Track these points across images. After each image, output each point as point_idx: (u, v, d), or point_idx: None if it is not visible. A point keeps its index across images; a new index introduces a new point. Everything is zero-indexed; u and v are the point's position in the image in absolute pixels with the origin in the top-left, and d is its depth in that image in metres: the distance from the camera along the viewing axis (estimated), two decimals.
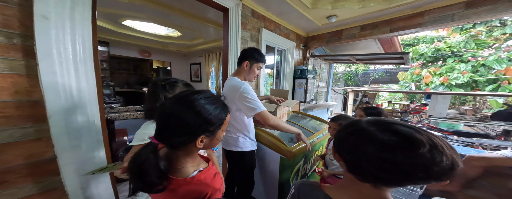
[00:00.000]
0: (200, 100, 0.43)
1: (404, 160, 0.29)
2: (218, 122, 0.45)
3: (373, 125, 0.34)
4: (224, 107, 0.47)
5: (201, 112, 0.42)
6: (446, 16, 1.40)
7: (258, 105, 0.95)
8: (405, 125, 0.33)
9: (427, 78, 5.00)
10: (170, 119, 0.41)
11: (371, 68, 7.43)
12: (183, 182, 0.43)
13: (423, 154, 0.28)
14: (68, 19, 0.72)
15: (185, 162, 0.46)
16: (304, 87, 2.24)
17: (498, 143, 2.76)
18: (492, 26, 4.80)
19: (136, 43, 3.47)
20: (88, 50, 0.78)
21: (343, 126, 0.40)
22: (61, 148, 0.74)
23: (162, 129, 0.43)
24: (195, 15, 2.01)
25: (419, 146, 0.28)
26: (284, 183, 1.25)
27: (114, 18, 2.32)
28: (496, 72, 4.25)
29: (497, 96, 4.05)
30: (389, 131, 0.32)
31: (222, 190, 0.49)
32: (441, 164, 0.28)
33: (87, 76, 0.79)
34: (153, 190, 0.41)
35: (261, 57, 1.06)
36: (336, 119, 1.02)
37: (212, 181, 0.46)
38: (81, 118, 0.79)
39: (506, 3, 1.16)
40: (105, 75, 3.57)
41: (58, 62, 0.71)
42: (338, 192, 0.40)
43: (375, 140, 0.32)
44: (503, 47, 4.46)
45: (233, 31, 1.47)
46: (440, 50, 5.10)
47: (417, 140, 0.29)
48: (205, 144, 0.45)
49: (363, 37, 1.88)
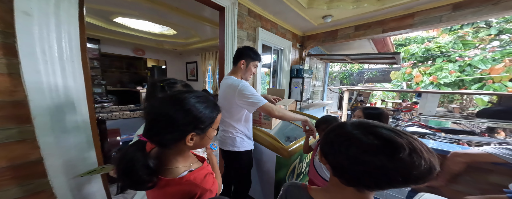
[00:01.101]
0: (191, 98, 0.43)
1: (385, 163, 0.29)
2: (208, 120, 0.45)
3: (357, 128, 0.34)
4: (215, 106, 0.47)
5: (191, 109, 0.42)
6: (435, 18, 1.45)
7: (259, 99, 0.95)
8: (387, 128, 0.32)
9: (417, 77, 5.17)
10: (159, 116, 0.41)
11: (365, 67, 7.59)
12: (172, 182, 0.43)
13: (403, 158, 0.28)
14: (53, 16, 0.68)
15: (175, 162, 0.46)
16: (300, 86, 2.26)
17: (482, 139, 2.92)
18: (478, 27, 5.01)
19: (129, 41, 3.36)
20: (75, 48, 0.75)
21: (329, 129, 0.40)
22: (48, 150, 0.71)
23: (151, 127, 0.42)
24: (191, 14, 1.97)
25: (399, 150, 0.28)
26: (280, 182, 1.27)
27: (105, 15, 2.24)
28: (481, 72, 4.45)
29: (482, 94, 4.24)
30: (372, 134, 0.32)
31: (215, 191, 0.48)
32: (420, 168, 0.28)
33: (74, 75, 0.76)
34: (143, 187, 0.41)
35: (256, 55, 1.06)
36: (318, 124, 0.99)
37: (202, 181, 0.45)
38: (69, 119, 0.76)
39: (489, 6, 1.21)
40: (96, 74, 3.45)
41: (42, 61, 0.67)
42: (322, 195, 0.40)
43: (358, 143, 0.32)
44: (488, 48, 4.67)
45: (229, 30, 1.45)
46: (430, 50, 5.28)
47: (397, 144, 0.29)
48: (195, 143, 0.45)
49: (357, 37, 1.91)
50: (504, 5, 1.17)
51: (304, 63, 2.50)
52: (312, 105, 2.81)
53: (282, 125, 1.71)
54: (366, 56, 2.54)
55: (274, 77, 2.35)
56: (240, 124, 1.06)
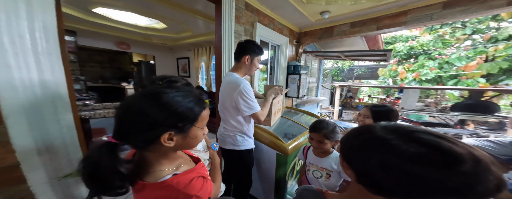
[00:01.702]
0: (169, 93, 0.38)
1: (438, 177, 0.24)
2: (190, 117, 0.39)
3: (392, 133, 0.30)
4: (198, 101, 0.41)
5: (168, 104, 0.37)
6: (426, 16, 1.51)
7: (254, 106, 0.95)
8: (431, 133, 0.28)
9: (402, 74, 5.50)
10: (128, 113, 0.36)
11: (355, 64, 7.87)
12: (151, 186, 0.39)
13: (465, 172, 0.24)
14: (22, 3, 0.58)
15: (158, 164, 0.41)
16: (297, 83, 2.26)
17: (456, 131, 3.24)
18: (455, 27, 5.40)
19: (111, 33, 3.06)
20: (52, 40, 0.65)
21: (353, 133, 0.36)
22: (25, 153, 0.62)
23: (119, 126, 0.37)
24: (183, 6, 1.83)
25: (460, 163, 0.24)
26: (280, 180, 1.27)
27: (82, 5, 2.00)
28: (457, 69, 4.85)
29: (456, 90, 4.64)
30: (415, 141, 0.27)
31: (204, 196, 0.42)
32: (487, 184, 0.24)
33: (53, 69, 0.66)
34: (112, 193, 0.36)
35: (260, 50, 1.03)
36: (319, 129, 0.85)
37: (185, 186, 0.39)
38: (49, 118, 0.67)
39: (477, 5, 1.29)
40: (74, 68, 3.14)
41: (12, 53, 0.57)
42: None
43: (398, 151, 0.28)
44: (462, 46, 5.08)
45: (226, 25, 1.38)
46: (413, 48, 5.62)
47: (457, 155, 0.25)
48: (177, 143, 0.39)
49: (353, 34, 1.94)
50: (489, 4, 1.24)
51: (301, 60, 2.50)
52: (308, 101, 2.85)
53: (280, 122, 1.71)
54: (360, 53, 2.61)
55: (271, 73, 2.32)
56: (241, 123, 1.03)
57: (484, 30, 4.80)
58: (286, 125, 1.74)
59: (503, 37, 4.28)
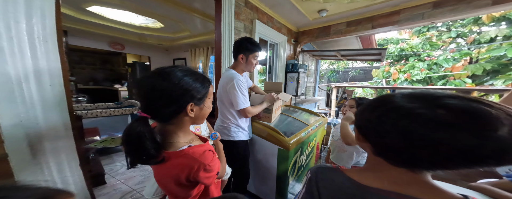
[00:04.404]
0: (182, 72, 0.44)
1: (471, 144, 0.23)
2: (204, 90, 0.47)
3: (416, 101, 0.27)
4: (205, 77, 0.49)
5: (185, 80, 0.43)
6: (417, 15, 1.58)
7: (244, 102, 1.01)
8: (464, 98, 0.25)
9: (394, 75, 5.70)
10: (153, 91, 0.42)
11: (349, 66, 8.08)
12: (172, 155, 0.44)
13: (502, 137, 0.22)
14: None
15: (176, 136, 0.48)
16: (295, 81, 2.28)
17: None
18: (441, 30, 5.71)
19: (104, 33, 2.98)
20: (49, 27, 0.64)
21: (370, 105, 0.34)
22: (14, 144, 0.58)
23: (148, 102, 0.43)
24: (180, 4, 1.82)
25: (497, 127, 0.22)
26: (282, 176, 1.25)
27: (75, 3, 1.95)
28: (445, 70, 5.08)
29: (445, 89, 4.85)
30: (443, 107, 0.25)
31: (214, 168, 0.47)
32: None
33: (48, 57, 0.64)
34: (152, 162, 0.42)
35: (254, 46, 1.05)
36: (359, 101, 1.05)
37: (200, 156, 0.45)
38: (43, 106, 0.63)
39: (464, 4, 1.37)
40: None
41: (6, 37, 0.54)
42: (363, 176, 0.35)
43: (424, 120, 0.26)
44: (448, 49, 5.35)
45: (226, 21, 1.38)
46: (404, 50, 5.85)
47: (493, 119, 0.23)
48: (196, 114, 0.47)
49: (349, 33, 2.00)
50: (476, 4, 1.33)
51: (299, 59, 2.54)
52: (306, 101, 2.87)
53: (279, 120, 1.70)
54: (355, 52, 2.69)
55: (270, 72, 2.33)
56: (236, 116, 1.08)
57: (467, 34, 5.11)
58: (285, 123, 1.73)
59: (485, 40, 4.56)
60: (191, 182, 0.45)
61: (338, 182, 0.35)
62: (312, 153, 1.74)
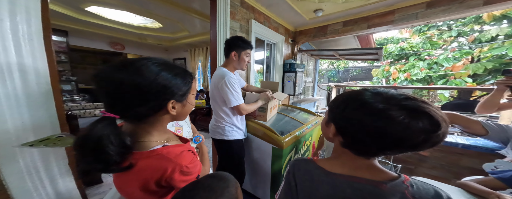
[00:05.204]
0: (153, 66, 0.37)
1: (421, 139, 0.29)
2: (185, 86, 0.42)
3: (385, 102, 0.32)
4: (186, 72, 0.44)
5: (163, 76, 0.37)
6: (411, 15, 1.59)
7: (237, 99, 1.00)
8: (410, 97, 0.32)
9: (394, 74, 5.67)
10: (122, 88, 0.35)
11: (350, 65, 8.05)
12: (140, 155, 0.37)
13: (440, 134, 0.29)
14: None
15: (148, 135, 0.41)
16: (293, 80, 2.29)
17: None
18: (442, 30, 5.66)
19: (105, 33, 3.03)
20: (34, 25, 0.64)
21: (338, 98, 0.38)
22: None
23: (115, 101, 0.36)
24: (179, 5, 1.84)
25: (440, 127, 0.29)
26: (276, 174, 1.26)
27: (74, 3, 1.98)
28: (445, 69, 5.04)
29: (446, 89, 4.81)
30: (398, 105, 0.31)
31: (194, 171, 0.42)
32: (440, 137, 0.30)
33: (34, 55, 0.64)
34: (116, 170, 0.35)
35: (246, 44, 1.06)
36: None
37: (176, 156, 0.39)
38: (28, 105, 0.64)
39: (457, 4, 1.38)
40: (64, 69, 3.07)
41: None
42: (330, 164, 0.41)
43: (391, 120, 0.31)
44: (449, 48, 5.31)
45: (222, 21, 1.40)
46: (404, 49, 5.82)
47: (437, 119, 0.29)
48: (178, 111, 0.42)
49: (346, 32, 2.00)
50: (468, 4, 1.34)
51: (296, 59, 2.54)
52: (304, 100, 2.88)
53: (276, 119, 1.71)
54: (353, 51, 2.69)
55: (268, 72, 2.34)
56: (229, 114, 1.08)
57: (468, 33, 5.06)
58: (282, 122, 1.74)
59: (486, 39, 4.52)
60: (163, 188, 0.39)
61: (311, 171, 0.41)
62: (308, 152, 1.75)
